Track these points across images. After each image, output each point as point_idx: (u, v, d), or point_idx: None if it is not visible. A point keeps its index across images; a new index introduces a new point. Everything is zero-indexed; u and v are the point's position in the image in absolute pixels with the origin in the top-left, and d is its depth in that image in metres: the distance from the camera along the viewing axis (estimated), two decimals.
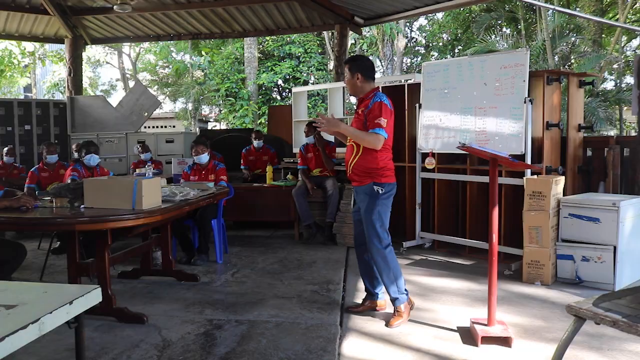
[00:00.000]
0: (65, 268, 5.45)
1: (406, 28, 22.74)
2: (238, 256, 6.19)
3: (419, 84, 6.40)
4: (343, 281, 5.10)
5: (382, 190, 3.89)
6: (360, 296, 4.51)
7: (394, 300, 3.98)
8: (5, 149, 8.39)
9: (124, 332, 3.81)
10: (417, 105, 6.28)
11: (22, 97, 21.06)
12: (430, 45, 23.86)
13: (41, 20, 11.25)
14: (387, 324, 3.90)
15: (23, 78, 20.85)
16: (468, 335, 3.66)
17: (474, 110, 5.66)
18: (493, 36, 17.14)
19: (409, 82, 7.17)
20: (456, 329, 3.81)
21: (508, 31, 18.63)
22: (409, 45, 23.37)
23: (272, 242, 7.03)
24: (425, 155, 6.20)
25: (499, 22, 18.44)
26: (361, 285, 4.43)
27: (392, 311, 4.01)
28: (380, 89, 4.14)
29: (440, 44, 23.14)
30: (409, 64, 24.18)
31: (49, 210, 4.03)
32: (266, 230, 7.75)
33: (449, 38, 22.41)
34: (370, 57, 22.35)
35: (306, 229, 6.89)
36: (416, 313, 4.12)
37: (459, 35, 21.41)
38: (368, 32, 20.70)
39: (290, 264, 5.82)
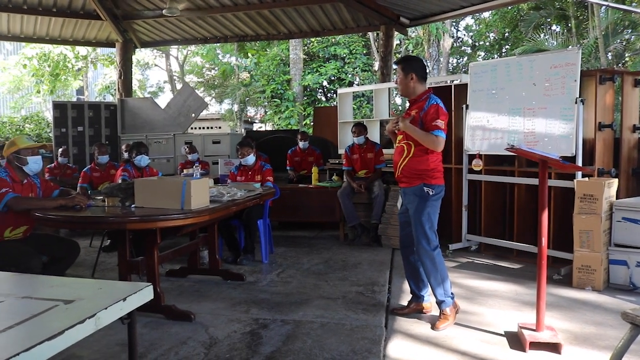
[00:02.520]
0: (115, 265, 5.64)
1: (452, 28, 22.48)
2: (283, 256, 6.23)
3: (466, 84, 6.32)
4: (388, 283, 5.08)
5: (432, 191, 3.87)
6: (405, 298, 4.47)
7: (440, 303, 3.94)
8: (60, 149, 8.66)
9: (172, 329, 3.88)
10: (464, 106, 6.21)
11: (75, 99, 21.66)
12: (477, 45, 23.49)
13: (94, 25, 11.64)
14: (433, 327, 3.86)
15: (76, 81, 21.45)
16: (516, 340, 3.59)
17: (523, 111, 5.56)
18: (542, 35, 16.78)
19: (456, 82, 7.09)
20: (503, 333, 3.74)
21: (558, 29, 18.21)
22: (455, 45, 23.07)
23: (317, 242, 7.05)
24: (472, 157, 6.12)
25: (548, 20, 18.02)
26: (406, 287, 4.40)
27: (438, 314, 3.97)
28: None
29: (487, 43, 22.75)
30: (454, 64, 23.87)
31: (101, 209, 4.13)
32: (311, 231, 7.78)
33: (496, 37, 22.03)
34: None
35: (351, 230, 6.89)
36: (462, 316, 4.07)
37: (507, 34, 21.03)
38: (413, 32, 20.55)
39: (335, 264, 5.82)
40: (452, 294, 3.99)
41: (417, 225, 3.91)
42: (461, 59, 24.13)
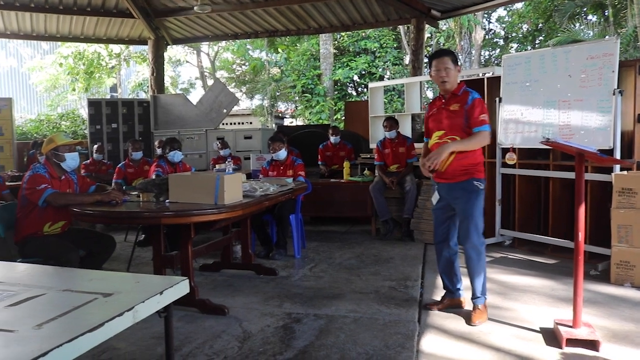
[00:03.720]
0: (150, 260, 5.73)
1: (484, 20, 22.17)
2: (315, 251, 6.25)
3: (499, 77, 6.24)
4: (421, 278, 5.06)
5: (481, 185, 3.85)
6: (438, 293, 4.46)
7: (477, 298, 3.92)
8: (95, 146, 8.82)
9: (206, 322, 3.93)
10: (497, 99, 6.12)
11: (108, 97, 22.02)
12: (510, 36, 23.13)
13: (127, 23, 11.82)
14: (469, 322, 3.83)
15: (110, 79, 21.79)
16: (551, 337, 3.53)
17: (558, 104, 5.46)
18: (577, 25, 16.42)
19: (488, 75, 7.00)
20: (539, 329, 3.69)
21: (594, 19, 17.80)
22: (487, 37, 22.76)
23: (348, 237, 7.05)
24: (505, 150, 6.04)
25: (584, 9, 17.61)
26: (439, 282, 4.36)
27: (472, 309, 3.94)
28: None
29: (520, 35, 22.39)
30: (486, 57, 23.54)
31: (136, 204, 4.19)
32: (343, 226, 7.78)
33: (529, 29, 21.66)
34: None
35: (383, 225, 6.87)
36: (496, 312, 4.03)
37: (540, 25, 20.66)
38: (444, 25, 20.33)
39: (367, 259, 5.82)
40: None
41: (469, 220, 3.85)
42: (493, 52, 23.80)
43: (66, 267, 3.05)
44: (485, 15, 22.30)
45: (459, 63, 3.89)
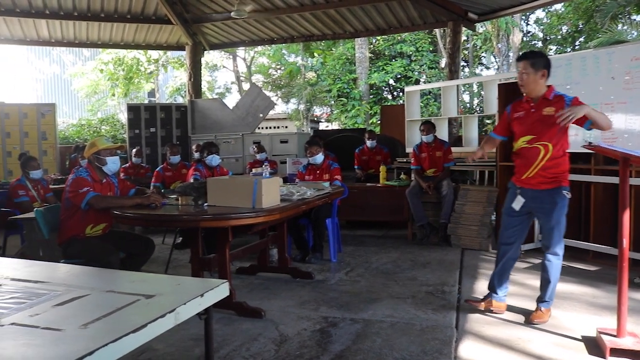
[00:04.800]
0: (187, 262, 5.81)
1: (522, 22, 21.81)
2: (352, 255, 6.23)
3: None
4: (458, 283, 5.00)
5: (568, 194, 3.82)
6: (476, 299, 4.41)
7: (544, 302, 3.95)
8: (134, 150, 8.98)
9: (243, 325, 3.95)
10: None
11: (146, 101, 22.41)
12: (548, 38, 22.70)
13: (165, 29, 12.06)
14: (529, 320, 3.89)
15: (148, 84, 22.19)
16: (594, 346, 3.44)
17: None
18: (620, 25, 15.99)
19: None
20: (580, 338, 3.60)
21: (638, 18, 17.32)
22: (524, 39, 22.38)
23: (384, 242, 7.01)
24: None
25: (627, 9, 17.12)
26: (477, 287, 4.33)
27: (535, 310, 3.97)
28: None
29: (559, 36, 21.94)
30: None
31: (175, 207, 4.24)
32: (378, 230, 7.75)
33: (569, 30, 21.20)
34: (484, 54, 21.68)
35: (420, 230, 6.82)
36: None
37: (581, 26, 20.21)
38: (481, 27, 20.09)
39: (404, 264, 5.78)
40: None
41: (554, 228, 3.83)
42: None
43: (107, 268, 3.10)
44: (523, 17, 21.94)
45: (543, 66, 3.78)
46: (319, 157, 6.24)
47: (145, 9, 11.27)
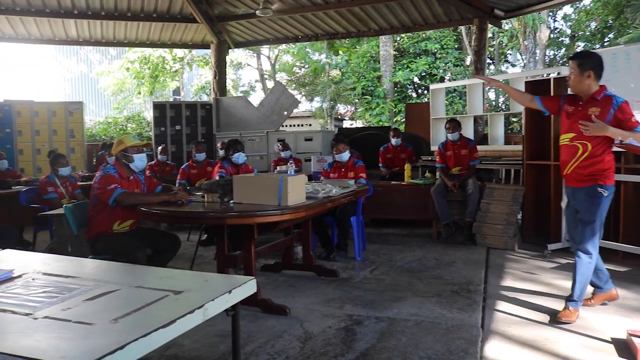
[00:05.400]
0: (212, 259, 5.86)
1: (549, 18, 21.50)
2: (376, 253, 6.22)
3: (565, 77, 6.04)
4: (484, 282, 4.95)
5: (605, 192, 3.78)
6: (503, 298, 4.40)
7: (573, 301, 3.91)
8: (159, 148, 9.06)
9: (268, 322, 3.96)
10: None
11: (171, 99, 22.62)
12: (576, 35, 22.35)
13: (190, 28, 12.15)
14: (555, 318, 3.87)
15: (173, 82, 22.40)
16: (624, 348, 3.38)
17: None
18: None
19: (554, 75, 6.79)
20: (610, 340, 3.53)
21: None
22: (551, 36, 22.07)
23: (409, 240, 6.98)
24: None
25: None
26: (503, 287, 4.27)
27: (562, 308, 3.94)
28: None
29: (588, 33, 21.56)
30: (551, 57, 22.84)
31: (201, 204, 4.28)
32: (403, 229, 7.71)
33: (598, 26, 20.82)
34: (511, 51, 21.42)
35: (445, 228, 6.77)
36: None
37: (610, 22, 19.85)
38: (507, 24, 19.85)
39: (429, 262, 5.75)
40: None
41: (586, 225, 3.84)
42: (558, 51, 23.06)
43: (134, 264, 3.14)
44: (551, 14, 21.62)
45: (590, 67, 3.78)
46: (346, 155, 6.24)
47: (171, 7, 11.37)
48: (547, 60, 21.64)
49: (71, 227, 4.51)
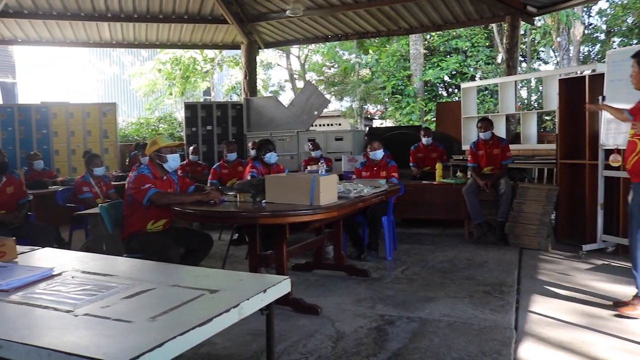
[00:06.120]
0: (243, 258, 5.90)
1: (583, 14, 21.07)
2: (407, 253, 6.19)
3: (602, 74, 5.93)
4: (517, 283, 4.89)
5: None
6: (536, 300, 4.35)
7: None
8: (191, 148, 9.15)
9: (300, 321, 3.98)
10: (599, 97, 5.83)
11: (202, 100, 22.82)
12: (612, 30, 21.85)
13: (221, 29, 12.28)
14: (617, 310, 3.90)
15: (203, 82, 22.59)
16: None
17: None
18: None
19: (589, 73, 6.68)
20: None
21: None
22: (586, 32, 21.62)
23: (440, 240, 6.94)
24: (608, 152, 5.74)
25: None
26: (537, 288, 4.22)
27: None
28: None
29: (624, 28, 21.05)
30: (585, 53, 22.38)
31: (234, 204, 4.31)
32: (434, 229, 7.66)
33: (635, 21, 20.31)
34: (543, 48, 21.09)
35: (477, 228, 6.70)
36: (601, 322, 3.84)
37: None
38: (540, 21, 19.52)
39: (460, 263, 5.70)
40: None
41: (633, 218, 3.89)
42: (593, 47, 22.60)
43: (167, 263, 3.18)
44: (585, 9, 21.18)
45: None
46: (379, 153, 6.26)
47: (201, 9, 11.51)
48: (581, 57, 21.22)
49: (106, 226, 4.59)
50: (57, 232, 5.92)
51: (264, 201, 4.17)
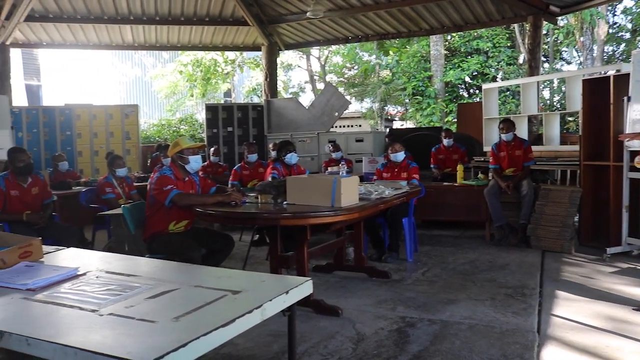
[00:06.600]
0: (264, 259, 5.92)
1: (608, 12, 20.75)
2: (428, 255, 6.17)
3: (627, 74, 5.85)
4: (539, 286, 4.84)
5: None
6: (559, 303, 4.29)
7: None
8: (212, 149, 9.21)
9: (320, 323, 3.98)
10: (625, 98, 5.75)
11: (222, 101, 22.94)
12: (638, 29, 21.46)
13: (241, 31, 12.36)
14: None
15: (224, 84, 22.72)
16: None
17: None
18: None
19: (614, 73, 6.59)
20: None
21: None
22: (610, 31, 21.29)
23: (461, 242, 6.89)
24: (634, 154, 5.65)
25: None
26: (559, 292, 4.16)
27: None
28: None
29: None
30: (610, 53, 22.03)
31: (255, 205, 4.32)
32: (455, 230, 7.61)
33: None
34: (566, 48, 20.84)
35: (498, 230, 6.65)
36: (626, 327, 3.78)
37: None
38: (563, 20, 19.29)
39: (482, 265, 5.66)
40: None
41: None
42: (618, 47, 22.25)
43: (189, 263, 3.20)
44: (610, 8, 20.84)
45: None
46: (401, 155, 6.24)
47: (222, 11, 11.59)
48: (605, 57, 20.91)
49: (128, 226, 4.63)
50: (80, 232, 5.99)
51: (285, 202, 4.17)
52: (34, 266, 2.43)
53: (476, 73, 19.03)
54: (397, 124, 23.61)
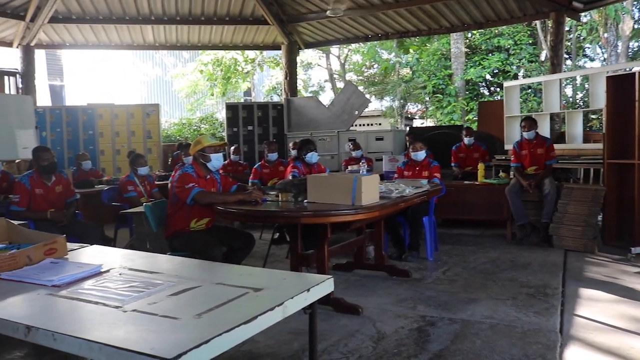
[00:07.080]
0: (284, 257, 5.93)
1: (633, 8, 20.37)
2: (448, 254, 6.14)
3: None
4: (562, 286, 4.79)
5: None
6: (581, 303, 4.26)
7: None
8: (232, 148, 9.24)
9: (340, 321, 3.98)
10: None
11: (242, 100, 23.03)
12: None
13: (261, 30, 12.39)
14: None
15: (244, 83, 22.79)
16: None
17: None
18: None
19: (639, 69, 6.49)
20: None
21: None
22: (635, 27, 20.91)
23: (482, 241, 6.85)
24: None
25: None
26: (582, 291, 4.12)
27: None
28: None
29: None
30: (635, 49, 21.64)
31: (276, 204, 4.34)
32: (475, 229, 7.56)
33: None
34: (589, 45, 20.54)
35: (520, 229, 6.59)
36: None
37: None
38: (586, 16, 19.00)
39: (503, 264, 5.62)
40: None
41: None
42: None
43: (210, 261, 3.22)
44: (635, 3, 20.46)
45: None
46: (421, 154, 6.23)
47: (242, 10, 11.64)
48: (630, 53, 20.55)
49: (150, 224, 4.68)
50: (102, 230, 6.07)
51: (305, 201, 4.18)
52: (58, 263, 2.47)
53: (497, 71, 18.87)
54: (417, 123, 23.52)
